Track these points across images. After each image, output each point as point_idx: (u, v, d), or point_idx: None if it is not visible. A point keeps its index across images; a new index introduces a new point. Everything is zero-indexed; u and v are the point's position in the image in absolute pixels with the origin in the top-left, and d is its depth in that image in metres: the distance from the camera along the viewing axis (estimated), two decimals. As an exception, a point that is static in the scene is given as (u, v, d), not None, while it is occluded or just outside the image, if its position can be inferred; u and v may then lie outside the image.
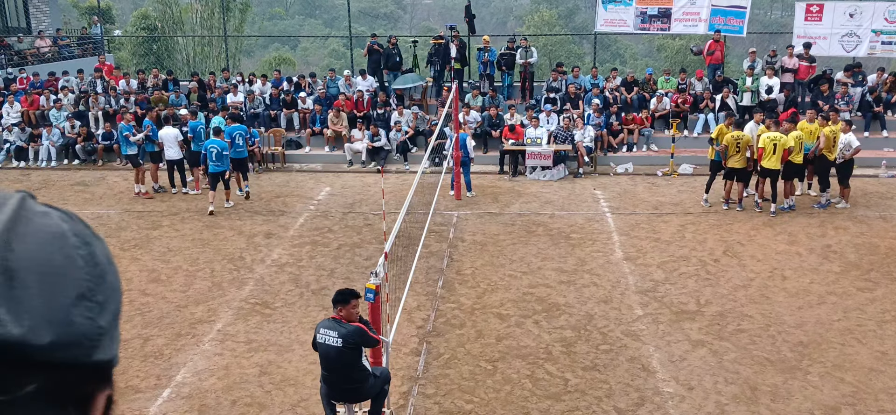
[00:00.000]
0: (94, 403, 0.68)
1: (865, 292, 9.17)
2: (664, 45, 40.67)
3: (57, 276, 0.64)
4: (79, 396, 0.66)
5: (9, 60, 21.52)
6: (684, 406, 6.68)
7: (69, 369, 0.64)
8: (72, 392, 0.65)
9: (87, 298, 0.65)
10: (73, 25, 30.54)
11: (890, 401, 6.73)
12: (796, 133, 12.38)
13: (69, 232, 0.67)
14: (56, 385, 0.63)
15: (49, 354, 0.61)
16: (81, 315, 0.64)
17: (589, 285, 9.47)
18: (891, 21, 17.04)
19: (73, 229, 0.68)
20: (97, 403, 0.68)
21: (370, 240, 11.31)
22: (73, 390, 0.65)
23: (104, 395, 0.69)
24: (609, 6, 18.19)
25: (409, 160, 16.17)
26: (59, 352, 0.62)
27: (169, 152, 13.81)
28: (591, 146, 15.59)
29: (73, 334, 0.63)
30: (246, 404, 6.80)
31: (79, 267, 0.66)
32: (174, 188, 14.19)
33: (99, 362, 0.66)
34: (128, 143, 14.03)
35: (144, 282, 9.79)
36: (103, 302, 0.67)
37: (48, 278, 0.63)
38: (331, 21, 58.73)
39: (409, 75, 18.17)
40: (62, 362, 0.63)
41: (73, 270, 0.65)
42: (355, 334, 5.36)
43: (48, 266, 0.63)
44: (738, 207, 12.63)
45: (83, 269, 0.66)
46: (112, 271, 0.71)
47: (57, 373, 0.63)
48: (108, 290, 0.68)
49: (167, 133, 13.82)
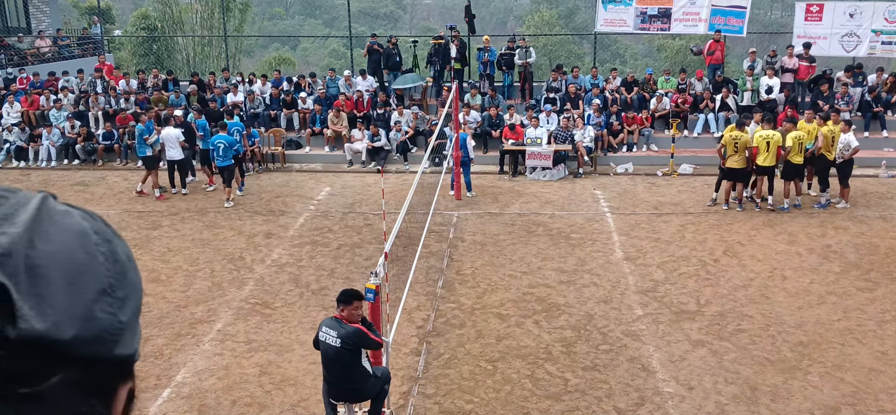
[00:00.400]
0: (117, 395, 0.70)
1: (865, 292, 9.17)
2: (664, 45, 40.67)
3: (79, 272, 0.65)
4: (102, 389, 0.67)
5: (9, 60, 21.53)
6: (684, 406, 6.68)
7: (92, 363, 0.65)
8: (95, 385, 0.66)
9: (108, 293, 0.67)
10: (73, 25, 30.55)
11: (890, 401, 6.73)
12: (796, 133, 12.39)
13: (90, 230, 0.69)
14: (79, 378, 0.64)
15: (72, 348, 0.63)
16: (103, 310, 0.66)
17: (589, 285, 9.47)
18: (891, 21, 17.04)
19: (95, 227, 0.70)
20: (120, 395, 0.70)
21: (370, 240, 11.31)
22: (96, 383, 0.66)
23: (126, 388, 0.71)
24: (609, 6, 18.19)
25: (409, 160, 16.17)
26: (81, 346, 0.64)
27: (170, 152, 13.79)
28: (591, 146, 15.59)
29: (95, 329, 0.65)
30: (246, 404, 6.80)
31: (100, 263, 0.68)
32: (174, 188, 14.16)
33: (120, 356, 0.68)
34: (145, 144, 13.94)
35: (144, 282, 9.66)
36: (124, 298, 0.69)
37: (71, 275, 0.64)
38: (331, 21, 58.72)
39: (409, 75, 18.17)
40: (85, 356, 0.64)
41: (95, 266, 0.67)
42: (354, 336, 5.36)
43: (71, 263, 0.65)
44: (739, 208, 12.63)
45: (104, 265, 0.68)
46: (132, 269, 0.73)
47: (80, 366, 0.64)
48: (128, 286, 0.71)
49: (169, 133, 13.81)
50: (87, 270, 0.66)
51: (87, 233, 0.68)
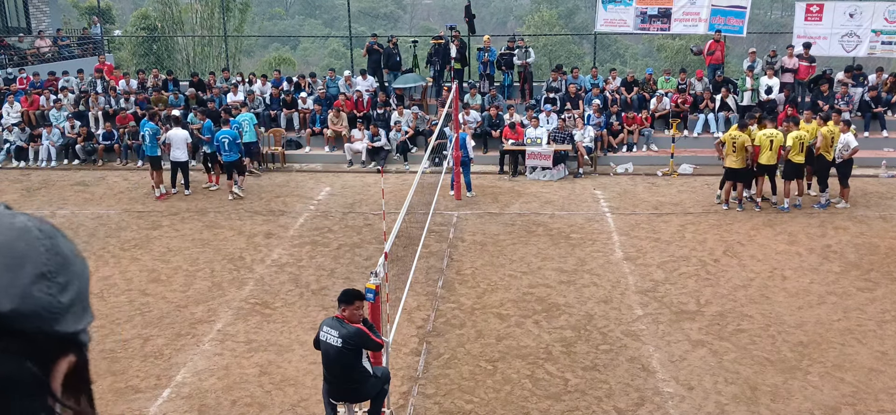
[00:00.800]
0: (57, 366, 0.80)
1: (865, 292, 9.18)
2: (664, 45, 40.68)
3: (19, 258, 0.77)
4: (41, 358, 0.78)
5: (9, 60, 21.53)
6: (684, 406, 6.68)
7: (34, 336, 0.77)
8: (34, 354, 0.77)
9: (47, 278, 0.78)
10: (74, 25, 30.55)
11: (890, 401, 6.73)
12: (797, 132, 12.40)
13: (34, 227, 0.81)
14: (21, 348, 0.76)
15: (11, 320, 0.75)
16: (41, 291, 0.77)
17: (589, 285, 9.47)
18: (891, 21, 17.04)
19: (40, 226, 0.82)
20: (59, 366, 0.80)
21: (370, 240, 11.31)
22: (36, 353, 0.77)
23: (66, 361, 0.81)
24: (609, 6, 18.19)
25: (409, 160, 16.17)
26: (21, 320, 0.75)
27: (175, 153, 13.75)
28: (591, 146, 15.60)
29: (34, 306, 0.76)
30: (246, 404, 6.80)
31: (40, 253, 0.79)
32: (175, 188, 14.12)
33: (62, 333, 0.79)
34: (155, 143, 13.87)
35: (144, 282, 9.79)
36: (65, 283, 0.80)
37: (9, 261, 0.76)
38: (331, 21, 58.74)
39: (409, 75, 18.17)
40: (27, 329, 0.76)
41: (34, 254, 0.78)
42: (355, 336, 5.36)
43: (10, 251, 0.77)
44: (739, 208, 12.64)
45: (44, 255, 0.79)
46: (78, 262, 0.84)
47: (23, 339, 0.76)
48: (71, 274, 0.82)
49: (176, 134, 13.76)
50: (27, 257, 0.78)
51: (30, 230, 0.80)
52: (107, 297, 9.28)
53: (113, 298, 9.23)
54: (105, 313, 8.76)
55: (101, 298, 9.21)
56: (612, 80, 17.74)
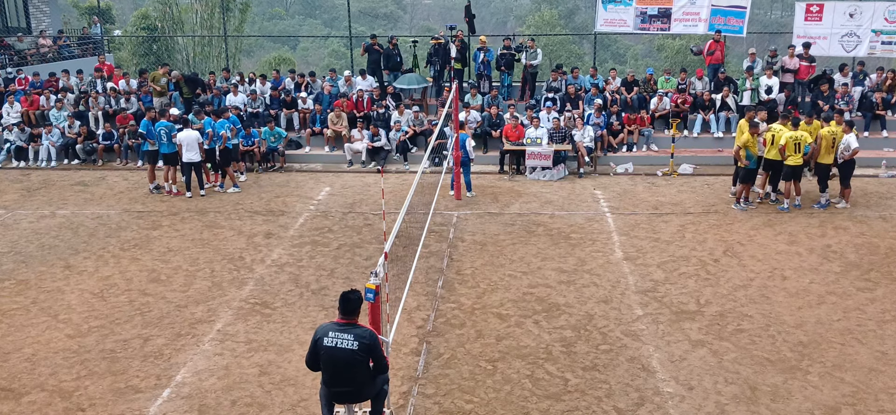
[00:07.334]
0: None
1: (865, 292, 9.18)
2: (664, 45, 40.71)
3: None
4: None
5: (9, 60, 21.53)
6: (684, 406, 6.68)
7: None
8: None
9: None
10: (74, 25, 30.57)
11: (890, 401, 6.73)
12: (794, 134, 12.37)
13: None
14: None
15: None
16: None
17: (589, 285, 9.47)
18: (891, 21, 17.05)
19: None
20: None
21: (370, 240, 11.31)
22: None
23: None
24: (609, 6, 18.20)
25: (409, 160, 16.17)
26: None
27: (188, 155, 13.66)
28: (591, 146, 15.60)
29: None
30: (246, 404, 6.80)
31: None
32: (189, 192, 13.90)
33: None
34: (171, 141, 13.80)
35: (144, 282, 9.79)
36: None
37: None
38: (331, 21, 58.77)
39: (410, 75, 18.17)
40: None
41: None
42: (371, 335, 5.33)
43: None
44: (739, 208, 12.63)
45: None
46: None
47: None
48: None
49: (188, 135, 13.66)
50: None
51: None
52: (107, 297, 9.28)
53: (113, 298, 9.23)
54: (105, 313, 8.76)
55: (101, 298, 9.21)
56: (612, 80, 17.75)
